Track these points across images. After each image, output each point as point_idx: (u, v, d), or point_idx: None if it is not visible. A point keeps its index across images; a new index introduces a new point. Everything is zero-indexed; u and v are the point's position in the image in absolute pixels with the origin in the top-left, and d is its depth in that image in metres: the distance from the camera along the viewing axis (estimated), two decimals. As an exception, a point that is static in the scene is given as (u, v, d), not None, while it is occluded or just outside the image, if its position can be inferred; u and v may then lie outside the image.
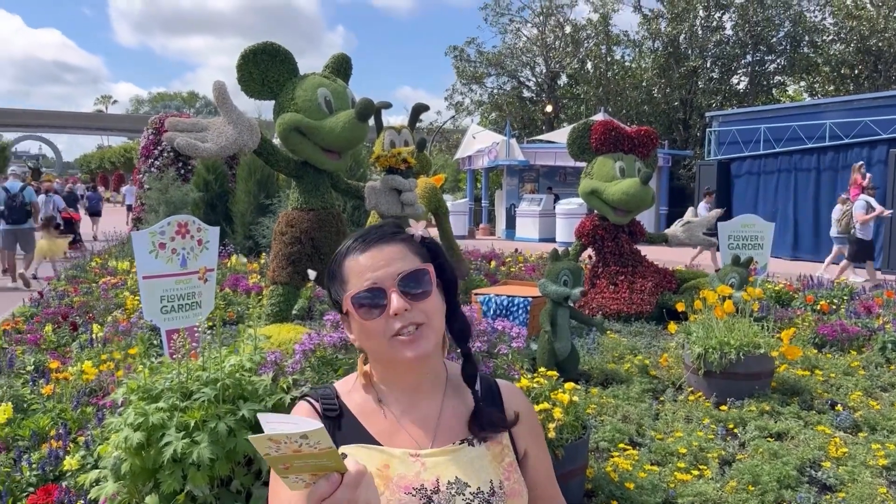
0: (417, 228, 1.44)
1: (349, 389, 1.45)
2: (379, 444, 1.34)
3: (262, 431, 1.04)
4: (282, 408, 2.86)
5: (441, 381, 1.43)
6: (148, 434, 2.59)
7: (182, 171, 15.14)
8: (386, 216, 6.83)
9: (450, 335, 1.46)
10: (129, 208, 20.93)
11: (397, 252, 1.35)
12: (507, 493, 1.34)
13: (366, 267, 1.34)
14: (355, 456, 1.31)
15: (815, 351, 6.66)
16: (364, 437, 1.35)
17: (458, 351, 1.48)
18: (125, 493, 2.72)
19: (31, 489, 3.44)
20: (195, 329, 2.92)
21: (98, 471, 2.85)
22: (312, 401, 1.43)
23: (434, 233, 9.89)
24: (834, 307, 8.61)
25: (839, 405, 5.17)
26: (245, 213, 13.58)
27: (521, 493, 1.38)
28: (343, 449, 1.33)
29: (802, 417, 4.87)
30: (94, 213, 21.80)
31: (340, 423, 1.38)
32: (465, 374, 1.43)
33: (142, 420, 2.60)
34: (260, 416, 1.07)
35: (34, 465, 3.61)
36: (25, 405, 4.50)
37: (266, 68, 6.29)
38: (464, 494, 1.31)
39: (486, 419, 1.39)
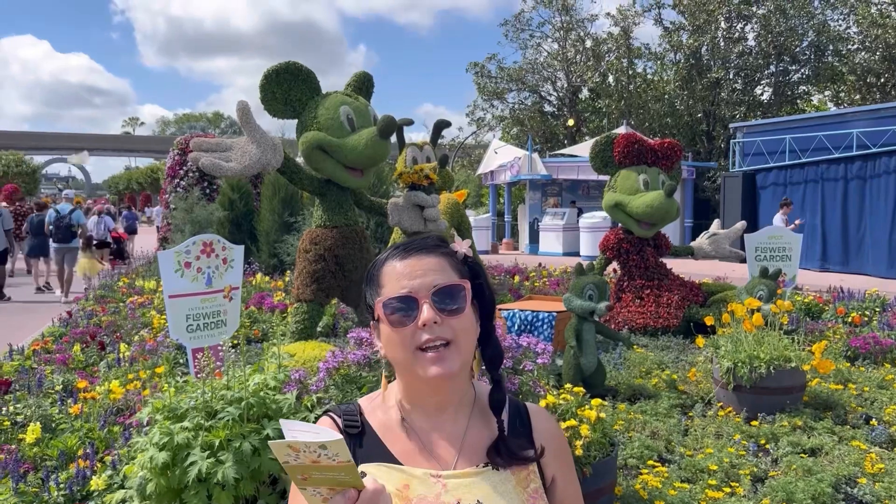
0: (462, 246, 1.41)
1: (373, 406, 1.43)
2: (400, 463, 1.31)
3: (284, 439, 1.04)
4: (306, 426, 2.84)
5: (468, 403, 1.40)
6: (173, 454, 2.59)
7: (207, 191, 15.31)
8: (409, 232, 6.83)
9: (482, 360, 1.43)
10: (159, 229, 21.54)
11: (436, 264, 1.33)
12: None
13: (402, 274, 1.32)
14: (375, 475, 1.28)
15: (848, 364, 6.52)
16: (385, 456, 1.33)
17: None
18: (151, 513, 2.72)
19: (59, 509, 3.46)
20: (219, 348, 2.92)
21: (124, 491, 2.85)
22: (335, 416, 1.42)
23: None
24: (866, 319, 8.45)
25: (874, 420, 5.05)
26: (270, 231, 13.67)
27: None
28: (363, 467, 1.31)
29: (836, 432, 4.76)
30: (132, 231, 23.11)
31: (362, 441, 1.36)
32: (492, 402, 1.39)
33: (167, 440, 2.60)
34: (283, 422, 1.06)
35: (62, 485, 3.62)
36: (54, 425, 4.54)
37: (289, 87, 6.35)
38: None
39: (507, 452, 1.35)
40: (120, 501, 2.85)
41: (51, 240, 13.39)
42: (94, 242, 15.80)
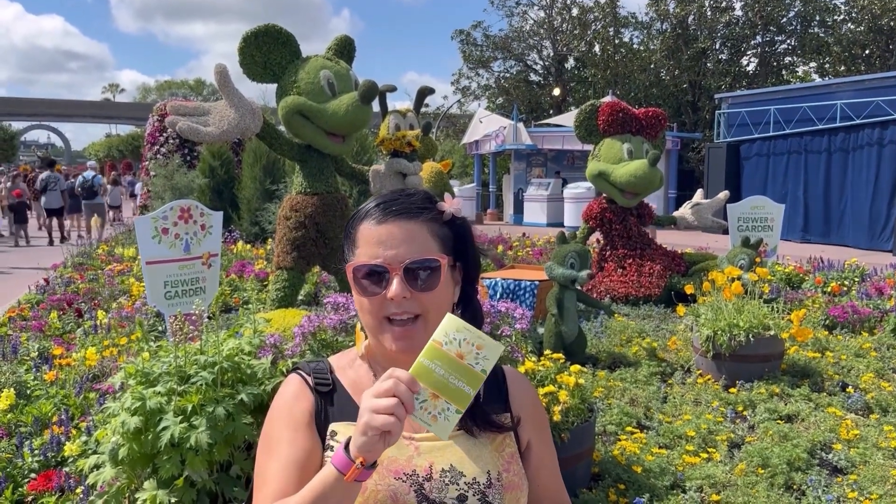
0: (451, 205, 1.34)
1: (344, 365, 1.40)
2: None
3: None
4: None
5: None
6: (145, 419, 2.56)
7: (188, 158, 15.12)
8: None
9: None
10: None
11: (416, 233, 1.27)
12: (506, 486, 1.27)
13: (377, 241, 1.26)
14: (346, 434, 1.26)
15: (826, 333, 6.58)
16: (356, 416, 1.29)
17: None
18: (123, 479, 2.69)
19: (33, 475, 3.42)
20: (191, 315, 2.87)
21: (97, 456, 2.81)
22: (304, 374, 1.38)
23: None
24: (845, 289, 8.51)
25: (850, 387, 5.10)
26: (251, 199, 13.54)
27: (521, 486, 1.31)
28: (334, 427, 1.29)
29: (813, 399, 4.80)
30: (133, 195, 24.48)
31: (333, 399, 1.33)
32: None
33: (139, 405, 2.56)
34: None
35: (36, 451, 3.58)
36: (28, 391, 4.48)
37: (268, 51, 6.22)
38: (458, 484, 1.24)
39: (483, 419, 1.32)
40: (93, 467, 2.81)
41: (82, 200, 18.09)
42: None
